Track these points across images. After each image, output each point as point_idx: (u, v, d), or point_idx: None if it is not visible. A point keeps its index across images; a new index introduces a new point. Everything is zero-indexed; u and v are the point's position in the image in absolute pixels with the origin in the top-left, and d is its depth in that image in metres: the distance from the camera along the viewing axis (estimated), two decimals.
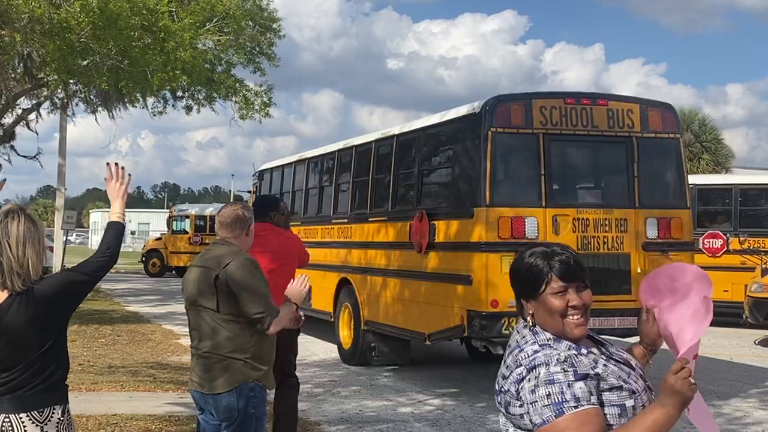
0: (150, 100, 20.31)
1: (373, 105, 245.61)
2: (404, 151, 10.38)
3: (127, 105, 20.18)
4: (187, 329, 4.43)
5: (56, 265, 26.06)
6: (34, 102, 23.08)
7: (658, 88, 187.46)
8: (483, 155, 8.54)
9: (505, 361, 2.40)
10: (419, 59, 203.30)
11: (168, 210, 47.80)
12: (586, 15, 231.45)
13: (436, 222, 9.21)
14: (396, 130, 10.76)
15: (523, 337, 2.39)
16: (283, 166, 14.81)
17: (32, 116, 23.15)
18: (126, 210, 3.53)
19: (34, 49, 16.33)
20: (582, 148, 9.36)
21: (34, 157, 23.79)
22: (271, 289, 4.35)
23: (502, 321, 8.23)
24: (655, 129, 9.20)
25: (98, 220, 74.75)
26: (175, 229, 31.57)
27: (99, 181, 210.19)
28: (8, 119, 23.31)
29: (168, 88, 18.49)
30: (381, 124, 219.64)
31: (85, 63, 16.79)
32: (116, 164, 3.56)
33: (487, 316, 8.23)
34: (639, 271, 8.79)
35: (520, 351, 2.35)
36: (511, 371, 2.33)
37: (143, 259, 33.00)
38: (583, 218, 8.78)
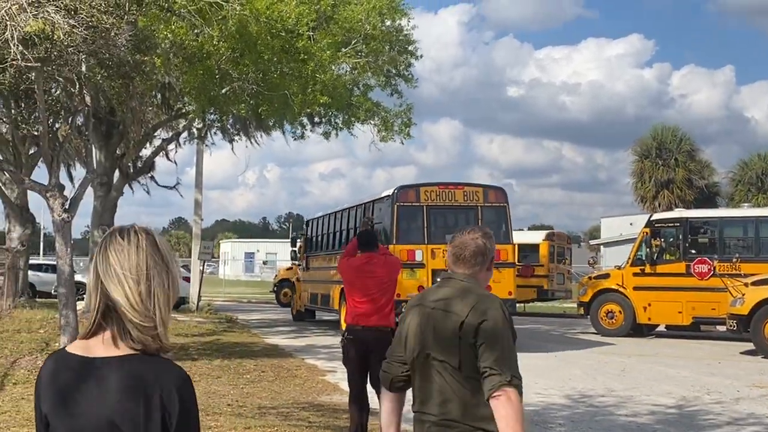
0: (287, 128, 19.94)
1: (492, 133, 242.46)
2: (366, 212, 17.57)
3: (269, 131, 19.78)
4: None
5: (193, 297, 26.04)
6: (172, 133, 23.15)
7: None
8: (393, 217, 16.44)
9: None
10: (540, 86, 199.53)
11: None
12: (715, 37, 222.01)
13: None
14: (364, 200, 18.72)
15: None
16: (317, 218, 22.97)
17: (171, 146, 23.20)
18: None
19: (174, 76, 16.09)
20: (449, 212, 16.99)
21: (173, 187, 23.81)
22: (375, 308, 7.18)
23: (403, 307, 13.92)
24: (492, 201, 16.90)
25: (228, 250, 76.28)
26: None
27: (228, 212, 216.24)
28: (146, 150, 23.47)
29: (308, 111, 17.98)
30: (500, 151, 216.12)
31: (223, 91, 16.47)
32: None
33: (397, 303, 14.82)
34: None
35: None
36: None
37: (275, 288, 32.77)
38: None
